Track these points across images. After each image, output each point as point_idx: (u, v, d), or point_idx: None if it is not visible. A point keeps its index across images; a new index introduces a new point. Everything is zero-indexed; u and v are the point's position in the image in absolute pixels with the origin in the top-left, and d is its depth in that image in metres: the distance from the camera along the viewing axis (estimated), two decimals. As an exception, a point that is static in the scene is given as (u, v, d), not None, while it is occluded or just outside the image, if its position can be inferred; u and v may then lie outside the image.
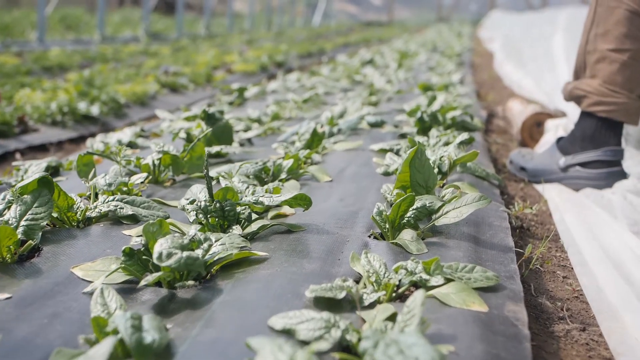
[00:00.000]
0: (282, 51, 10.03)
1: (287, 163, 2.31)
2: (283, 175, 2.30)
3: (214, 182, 2.27)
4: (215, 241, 1.63)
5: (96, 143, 2.98)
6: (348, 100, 4.42)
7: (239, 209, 1.81)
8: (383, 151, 2.85)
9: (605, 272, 1.93)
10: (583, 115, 2.86)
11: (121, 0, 27.11)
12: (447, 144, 2.94)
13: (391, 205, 2.08)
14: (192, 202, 1.79)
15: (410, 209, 1.80)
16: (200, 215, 1.77)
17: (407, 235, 1.74)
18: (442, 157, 2.34)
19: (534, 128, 3.59)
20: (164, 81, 5.82)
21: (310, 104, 4.46)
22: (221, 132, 2.81)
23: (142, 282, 1.41)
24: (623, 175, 2.76)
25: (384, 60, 8.03)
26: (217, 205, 1.78)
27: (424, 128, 3.23)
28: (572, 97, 2.89)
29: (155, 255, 1.43)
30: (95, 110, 4.23)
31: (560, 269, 2.00)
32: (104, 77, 6.11)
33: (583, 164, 2.80)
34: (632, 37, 2.70)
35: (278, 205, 1.96)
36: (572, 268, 2.00)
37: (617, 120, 2.78)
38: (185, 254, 1.44)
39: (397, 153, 2.78)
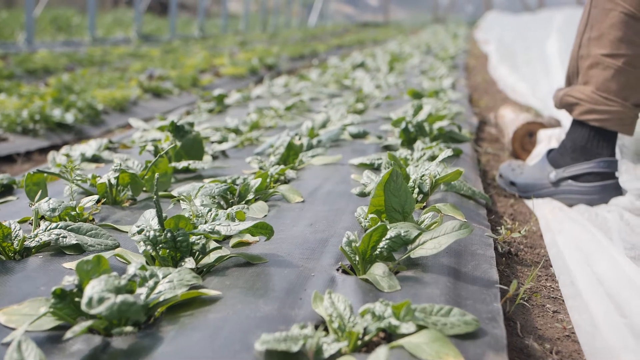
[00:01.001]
0: (273, 54, 9.85)
1: (255, 182, 2.13)
2: (250, 196, 2.12)
3: (171, 206, 2.08)
4: (163, 277, 1.45)
5: (59, 156, 2.79)
6: (333, 107, 4.24)
7: (193, 238, 1.63)
8: (363, 166, 2.67)
9: (599, 306, 1.75)
10: (574, 124, 2.69)
11: (115, 1, 26.89)
12: (432, 157, 2.76)
13: (365, 231, 1.91)
14: (140, 232, 1.61)
15: (384, 238, 1.62)
16: (149, 247, 1.59)
17: (378, 270, 1.56)
18: (424, 175, 2.16)
19: (525, 138, 3.41)
20: (147, 86, 5.64)
21: (294, 111, 4.28)
22: (190, 146, 2.63)
23: (68, 334, 1.23)
24: (618, 188, 2.59)
25: (376, 64, 7.85)
26: (168, 235, 1.60)
27: (409, 139, 3.05)
28: (564, 104, 2.72)
29: (84, 300, 1.25)
30: (69, 117, 4.04)
31: (551, 301, 1.82)
32: (86, 81, 5.92)
33: (575, 177, 2.63)
34: (628, 42, 2.52)
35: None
36: (564, 300, 1.82)
37: (610, 130, 2.60)
38: (119, 298, 1.26)
39: (377, 168, 2.61)
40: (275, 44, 13.59)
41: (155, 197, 1.60)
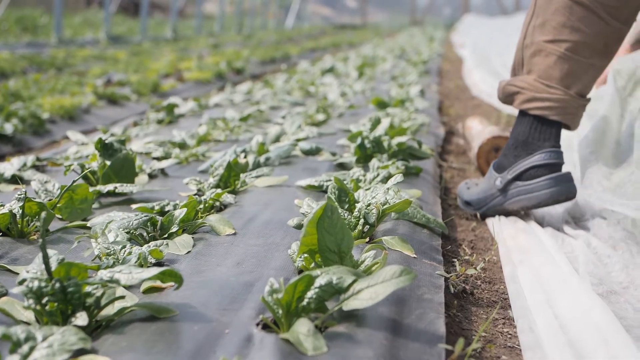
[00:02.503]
0: (242, 57, 9.60)
1: (180, 213, 1.89)
2: (175, 228, 1.88)
3: (75, 245, 1.84)
4: (43, 340, 1.22)
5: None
6: (292, 117, 4.01)
7: (89, 288, 1.39)
8: (311, 188, 2.44)
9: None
10: (517, 119, 2.51)
11: (88, 1, 26.48)
12: (388, 177, 2.54)
13: (299, 274, 1.68)
14: (21, 282, 1.37)
15: (312, 287, 1.40)
16: (31, 301, 1.34)
17: (302, 327, 1.33)
18: (370, 204, 1.93)
19: (491, 154, 3.19)
20: (102, 92, 5.37)
21: (251, 122, 4.04)
22: (120, 166, 2.38)
23: None
24: (569, 180, 2.38)
25: (347, 68, 7.63)
26: (57, 285, 1.35)
27: (365, 156, 2.83)
28: (505, 94, 2.53)
29: None
30: (9, 127, 3.78)
31: (507, 352, 1.60)
32: (39, 86, 5.64)
33: (519, 176, 2.44)
34: (571, 28, 2.36)
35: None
36: (521, 351, 1.60)
37: (552, 120, 2.42)
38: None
39: (326, 191, 2.38)
40: (248, 47, 13.34)
41: (41, 240, 1.36)
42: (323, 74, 7.10)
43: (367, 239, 1.89)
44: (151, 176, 2.72)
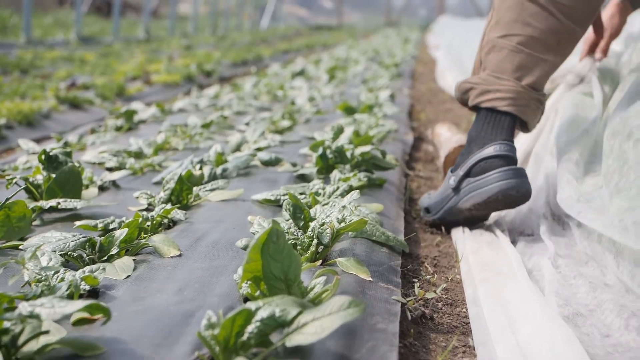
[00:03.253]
0: (213, 59, 9.45)
1: (121, 233, 1.77)
2: (115, 250, 1.76)
3: (5, 268, 1.71)
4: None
5: None
6: (257, 124, 3.89)
7: (7, 323, 1.27)
8: (267, 202, 2.32)
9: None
10: (474, 118, 2.47)
11: (61, 0, 26.13)
12: (349, 190, 2.44)
13: (245, 302, 1.56)
14: None
15: (253, 320, 1.28)
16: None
17: (239, 367, 1.22)
18: (324, 224, 1.82)
19: (458, 163, 3.10)
20: (64, 96, 5.20)
21: (214, 128, 3.92)
22: (66, 180, 2.25)
23: None
24: (521, 176, 2.30)
25: (318, 71, 7.52)
26: (-32, 322, 1.23)
27: (327, 167, 2.72)
28: (461, 92, 2.51)
29: None
30: (-40, 135, 3.63)
31: (467, 385, 1.50)
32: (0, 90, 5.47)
33: (469, 171, 2.38)
34: (522, 22, 2.37)
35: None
36: (482, 383, 1.50)
37: (503, 111, 2.37)
38: None
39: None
40: (221, 48, 13.19)
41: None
42: (293, 77, 6.99)
43: (321, 261, 1.78)
44: (102, 189, 2.59)
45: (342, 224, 1.84)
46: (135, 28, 19.37)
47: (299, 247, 1.78)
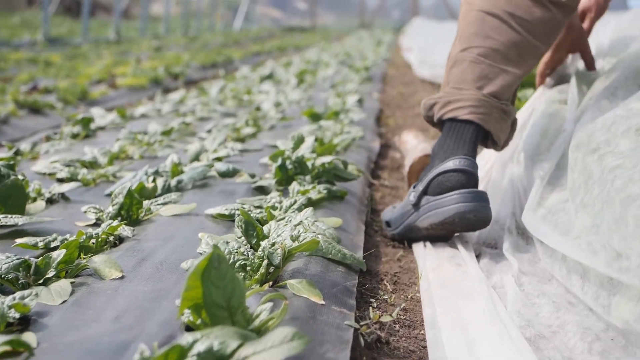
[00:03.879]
0: (182, 61, 9.32)
1: (59, 254, 1.67)
2: (52, 273, 1.65)
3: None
4: None
5: None
6: (219, 131, 3.79)
7: None
8: (221, 217, 2.23)
9: None
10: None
11: (30, 1, 25.77)
12: (308, 204, 2.35)
13: (187, 330, 1.47)
14: None
15: (190, 354, 1.19)
16: None
17: (168, 409, 1.13)
18: (275, 243, 1.73)
19: (422, 173, 3.02)
20: (23, 100, 5.06)
21: (175, 135, 3.81)
22: (7, 194, 2.14)
23: None
24: (481, 200, 2.23)
25: (287, 75, 7.43)
26: None
27: (286, 178, 2.63)
28: (426, 109, 2.46)
29: None
30: None
31: (421, 417, 1.42)
32: (-44, 94, 5.31)
33: (428, 187, 2.32)
34: (483, 35, 2.35)
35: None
36: (438, 415, 1.42)
37: (465, 121, 2.31)
38: None
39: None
40: (193, 50, 13.04)
41: None
42: (261, 81, 6.89)
43: (271, 283, 1.69)
44: (51, 202, 2.48)
45: (295, 243, 1.76)
46: (105, 29, 19.15)
47: (248, 268, 1.69)
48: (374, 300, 1.89)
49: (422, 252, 2.29)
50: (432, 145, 2.41)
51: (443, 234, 2.38)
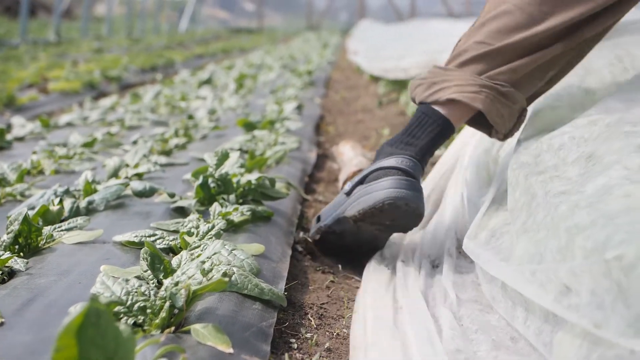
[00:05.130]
0: (120, 64, 9.02)
1: None
2: None
3: None
4: None
5: None
6: (145, 142, 3.56)
7: None
8: (131, 245, 2.02)
9: None
10: None
11: (-33, 0, 24.94)
12: (229, 226, 2.17)
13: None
14: None
15: None
16: None
17: None
18: (179, 282, 1.54)
19: (358, 189, 2.86)
20: (-61, 108, 4.76)
21: (99, 146, 3.57)
22: None
23: None
24: (414, 189, 2.07)
25: (227, 79, 7.21)
26: None
27: (209, 198, 2.44)
28: (412, 88, 2.25)
29: None
30: None
31: None
32: None
33: (364, 179, 2.17)
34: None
35: None
36: None
37: (436, 112, 2.13)
38: None
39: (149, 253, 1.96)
40: (135, 52, 12.71)
41: None
42: (200, 86, 6.66)
43: (174, 328, 1.49)
44: (-57, 226, 2.24)
45: (204, 281, 1.57)
46: (45, 29, 18.60)
47: (149, 311, 1.49)
48: (294, 340, 1.71)
49: (365, 275, 2.13)
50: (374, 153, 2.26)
51: (373, 234, 2.22)
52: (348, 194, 2.21)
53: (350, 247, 2.34)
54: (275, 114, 4.40)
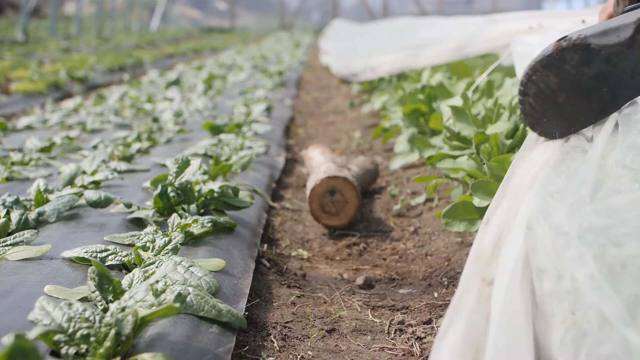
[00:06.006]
0: (88, 64, 8.81)
1: None
2: None
3: None
4: None
5: None
6: (106, 147, 3.41)
7: None
8: (82, 261, 1.88)
9: None
10: None
11: None
12: (185, 241, 2.04)
13: None
14: None
15: None
16: None
17: None
18: (125, 308, 1.41)
19: (326, 197, 2.74)
20: None
21: (57, 151, 3.42)
22: None
23: None
24: None
25: (196, 80, 7.05)
26: None
27: (169, 207, 2.30)
28: None
29: None
30: None
31: None
32: None
33: None
34: None
35: None
36: None
37: None
38: None
39: (104, 262, 1.83)
40: (104, 51, 12.47)
41: None
42: (168, 87, 6.50)
43: (120, 358, 1.36)
44: None
45: (155, 304, 1.44)
46: (13, 28, 18.23)
47: (93, 339, 1.36)
48: (258, 366, 1.59)
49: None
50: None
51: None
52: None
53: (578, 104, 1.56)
54: (243, 117, 4.27)
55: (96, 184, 2.64)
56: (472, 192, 2.20)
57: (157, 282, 1.56)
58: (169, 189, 2.31)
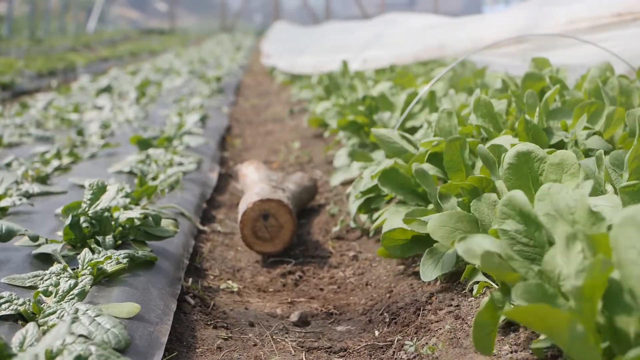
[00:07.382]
0: (14, 69, 8.41)
1: None
2: None
3: None
4: None
5: None
6: (21, 165, 3.13)
7: None
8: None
9: None
10: None
11: None
12: (97, 280, 1.82)
13: None
14: None
15: None
16: None
17: None
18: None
19: (259, 222, 2.53)
20: None
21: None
22: None
23: None
24: None
25: (130, 86, 6.75)
26: None
27: (82, 240, 2.07)
28: None
29: None
30: None
31: None
32: None
33: None
34: None
35: None
36: None
37: None
38: None
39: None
40: (35, 54, 12.00)
41: None
42: (98, 94, 6.20)
43: None
44: None
45: (44, 375, 1.22)
46: (-61, 30, 17.50)
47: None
48: None
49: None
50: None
51: None
52: None
53: None
54: (174, 129, 4.03)
55: (2, 212, 2.38)
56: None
57: (54, 342, 1.34)
58: (82, 218, 2.08)
